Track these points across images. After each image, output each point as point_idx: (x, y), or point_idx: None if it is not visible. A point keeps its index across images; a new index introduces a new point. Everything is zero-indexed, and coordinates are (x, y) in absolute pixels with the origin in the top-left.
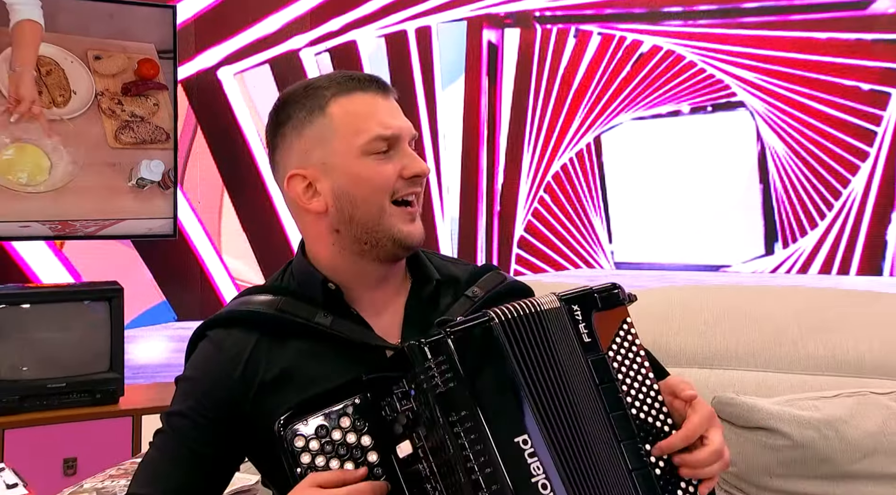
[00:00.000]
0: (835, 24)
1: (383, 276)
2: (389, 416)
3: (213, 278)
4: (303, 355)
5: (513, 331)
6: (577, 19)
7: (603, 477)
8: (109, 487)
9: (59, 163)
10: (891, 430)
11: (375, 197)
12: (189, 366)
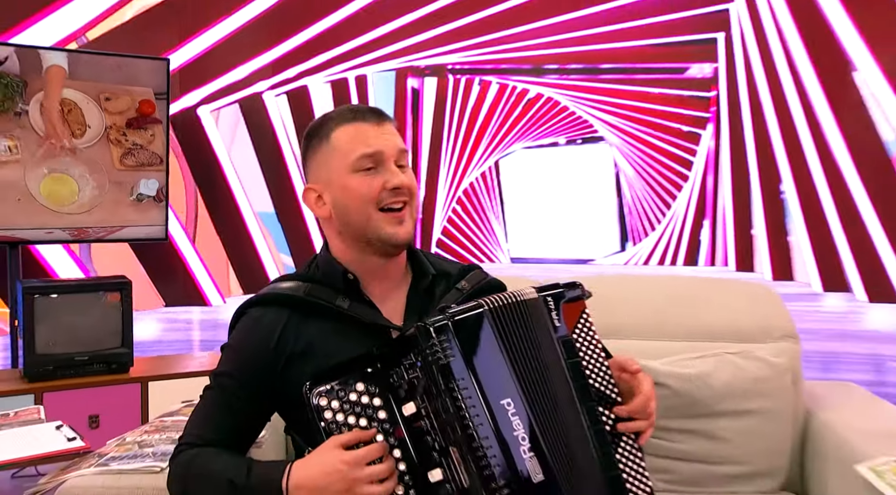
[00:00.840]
0: (664, 83)
1: (386, 269)
2: (397, 383)
3: (193, 272)
4: (325, 331)
5: (499, 316)
6: (480, 72)
7: (568, 431)
8: (147, 440)
9: (85, 188)
10: (739, 379)
11: (363, 205)
12: (233, 336)
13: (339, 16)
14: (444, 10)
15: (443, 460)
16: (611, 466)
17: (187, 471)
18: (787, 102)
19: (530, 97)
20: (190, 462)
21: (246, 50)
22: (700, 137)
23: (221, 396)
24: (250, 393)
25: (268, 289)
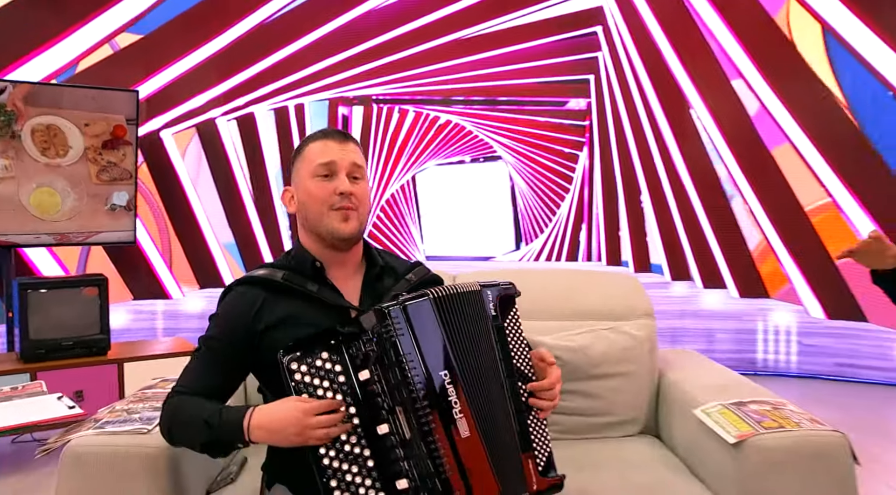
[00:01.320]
0: (548, 113)
1: (344, 259)
2: (354, 354)
3: (156, 270)
4: (296, 309)
5: (441, 304)
6: (399, 102)
7: (491, 399)
8: (133, 408)
9: (66, 200)
10: (610, 349)
11: (318, 204)
12: (221, 307)
13: (282, 54)
14: (370, 51)
15: (389, 417)
16: (522, 427)
17: (174, 412)
18: (643, 130)
19: (441, 123)
20: (177, 405)
21: (203, 82)
22: (578, 157)
23: (208, 355)
24: (232, 353)
25: (252, 272)
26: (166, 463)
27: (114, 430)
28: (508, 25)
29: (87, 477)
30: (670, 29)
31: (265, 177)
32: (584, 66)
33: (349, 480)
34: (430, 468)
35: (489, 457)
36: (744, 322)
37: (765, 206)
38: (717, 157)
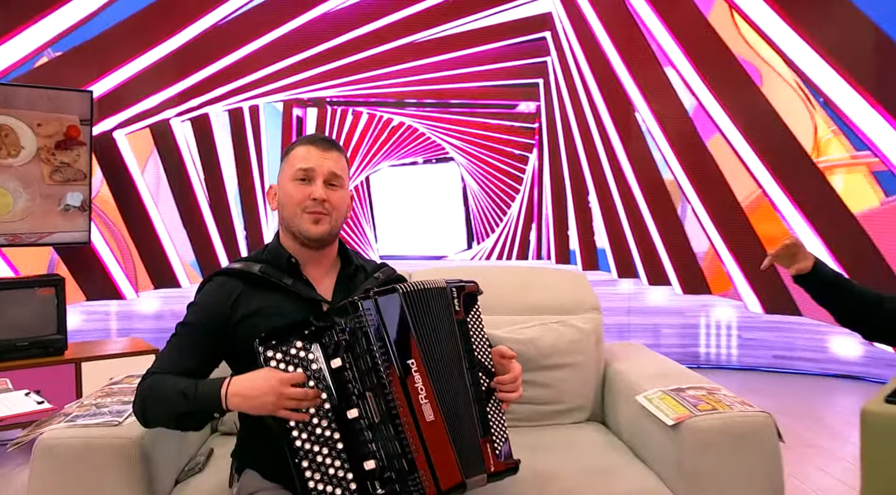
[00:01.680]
0: (499, 116)
1: (319, 258)
2: (327, 343)
3: (110, 271)
4: (272, 301)
5: (409, 298)
6: (353, 104)
7: (454, 387)
8: (102, 402)
9: (18, 200)
10: (559, 341)
11: (293, 206)
12: (200, 296)
13: (237, 56)
14: (324, 54)
15: (359, 402)
16: (482, 414)
17: (150, 387)
18: (591, 132)
19: (394, 125)
20: (152, 384)
21: (156, 82)
22: (528, 159)
23: (184, 340)
24: (207, 339)
25: (231, 265)
26: (137, 453)
27: (85, 423)
28: (460, 30)
29: (60, 469)
30: (616, 35)
31: (220, 176)
32: (533, 71)
33: (320, 461)
34: (397, 449)
35: (451, 440)
36: (687, 317)
37: (705, 205)
38: (661, 158)
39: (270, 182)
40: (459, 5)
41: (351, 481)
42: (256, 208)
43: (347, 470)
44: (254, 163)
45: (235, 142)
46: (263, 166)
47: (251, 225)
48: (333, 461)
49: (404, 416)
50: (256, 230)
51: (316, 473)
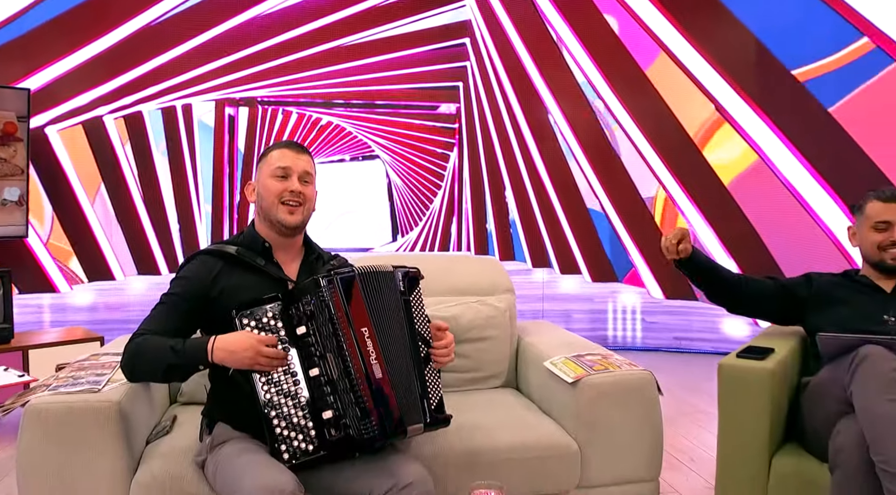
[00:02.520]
0: (422, 116)
1: (288, 244)
2: (294, 314)
3: (43, 265)
4: (247, 279)
5: (363, 278)
6: (283, 103)
7: (398, 351)
8: (77, 375)
9: None
10: (477, 318)
11: (271, 197)
12: (184, 270)
13: (169, 55)
14: (254, 55)
15: (321, 362)
16: (420, 374)
17: (138, 347)
18: (507, 133)
19: (322, 124)
20: (142, 342)
21: (88, 80)
22: (448, 157)
23: (169, 307)
24: (189, 307)
25: (213, 246)
26: (116, 415)
27: (68, 391)
28: (386, 35)
29: (47, 431)
30: (529, 41)
31: (154, 173)
32: (453, 74)
33: (285, 412)
34: (352, 399)
35: (395, 394)
36: (596, 303)
37: (611, 199)
38: (571, 156)
39: (202, 178)
40: (385, 11)
41: (311, 428)
42: (190, 203)
43: (308, 418)
44: (187, 160)
45: (168, 140)
46: (196, 163)
47: (184, 219)
48: (297, 411)
49: (358, 373)
50: (190, 224)
51: (282, 421)
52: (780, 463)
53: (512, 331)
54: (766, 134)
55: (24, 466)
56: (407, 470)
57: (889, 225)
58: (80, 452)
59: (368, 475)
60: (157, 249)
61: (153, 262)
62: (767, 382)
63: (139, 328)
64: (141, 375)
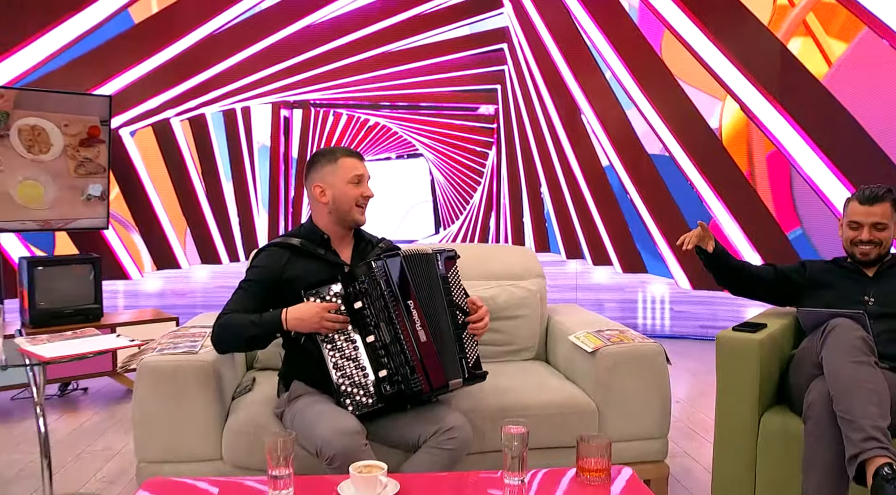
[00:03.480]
0: (463, 117)
1: (343, 235)
2: (351, 292)
3: (116, 254)
4: (310, 265)
5: (407, 259)
6: (334, 106)
7: (440, 320)
8: (175, 341)
9: (48, 191)
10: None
11: (349, 201)
12: (258, 259)
13: (230, 62)
14: (308, 61)
15: (375, 330)
16: (458, 339)
17: (225, 323)
18: (542, 132)
19: (370, 124)
20: (228, 319)
21: (158, 85)
22: (487, 155)
23: (248, 292)
24: (263, 292)
25: (278, 239)
26: (211, 373)
27: (172, 352)
28: (429, 41)
29: (157, 383)
30: (564, 46)
31: (216, 170)
32: (492, 78)
33: (348, 372)
34: (403, 360)
35: (438, 354)
36: (626, 293)
37: (641, 195)
38: (602, 153)
39: (259, 174)
40: (428, 19)
41: (370, 385)
42: (248, 197)
43: (367, 377)
44: (245, 158)
45: (229, 139)
46: (254, 160)
47: (243, 212)
48: (358, 371)
49: (406, 339)
50: (248, 216)
51: (346, 380)
52: (768, 420)
53: (542, 310)
54: (788, 131)
55: (139, 413)
56: (449, 418)
57: (860, 226)
58: (183, 402)
59: (418, 423)
60: (219, 240)
61: (215, 253)
62: (756, 351)
63: (223, 309)
64: (227, 347)
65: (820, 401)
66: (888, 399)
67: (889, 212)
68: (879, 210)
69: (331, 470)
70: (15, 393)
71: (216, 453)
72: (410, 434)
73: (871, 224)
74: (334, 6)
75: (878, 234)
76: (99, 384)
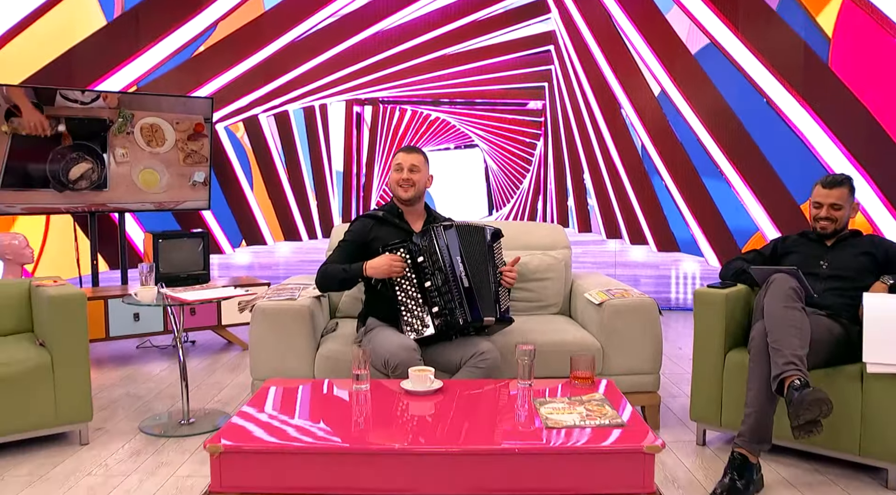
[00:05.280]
0: (514, 112)
1: (413, 210)
2: (415, 250)
3: (212, 231)
4: (388, 230)
5: (459, 229)
6: (400, 103)
7: (481, 273)
8: (278, 292)
9: (163, 178)
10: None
11: (393, 182)
12: (352, 226)
13: (309, 65)
14: (377, 63)
15: (431, 278)
16: (496, 290)
17: (325, 269)
18: (585, 125)
19: (431, 119)
20: (328, 267)
21: (248, 86)
22: (536, 145)
23: (344, 249)
24: (354, 249)
25: (368, 212)
26: (307, 314)
27: (277, 299)
28: (484, 44)
29: (267, 323)
30: (605, 48)
31: (297, 159)
32: (540, 76)
33: (411, 307)
34: (450, 299)
35: (477, 297)
36: (661, 270)
37: (675, 181)
38: (640, 144)
39: (335, 163)
40: (483, 24)
41: (426, 318)
42: (325, 183)
43: (425, 312)
44: (323, 149)
45: (308, 133)
46: (330, 151)
47: (321, 196)
48: (417, 308)
49: (454, 284)
50: (325, 200)
51: (408, 314)
52: (732, 357)
53: (567, 275)
54: (813, 127)
55: (254, 343)
56: (483, 345)
57: (821, 205)
58: (286, 335)
59: (460, 348)
60: (300, 220)
61: (296, 231)
62: (722, 304)
63: (326, 260)
64: (327, 287)
65: (759, 336)
66: (808, 335)
67: (846, 195)
68: (837, 193)
69: (394, 376)
70: (139, 342)
71: (310, 373)
72: (453, 356)
73: (829, 204)
74: (401, 14)
75: (835, 213)
76: (204, 337)
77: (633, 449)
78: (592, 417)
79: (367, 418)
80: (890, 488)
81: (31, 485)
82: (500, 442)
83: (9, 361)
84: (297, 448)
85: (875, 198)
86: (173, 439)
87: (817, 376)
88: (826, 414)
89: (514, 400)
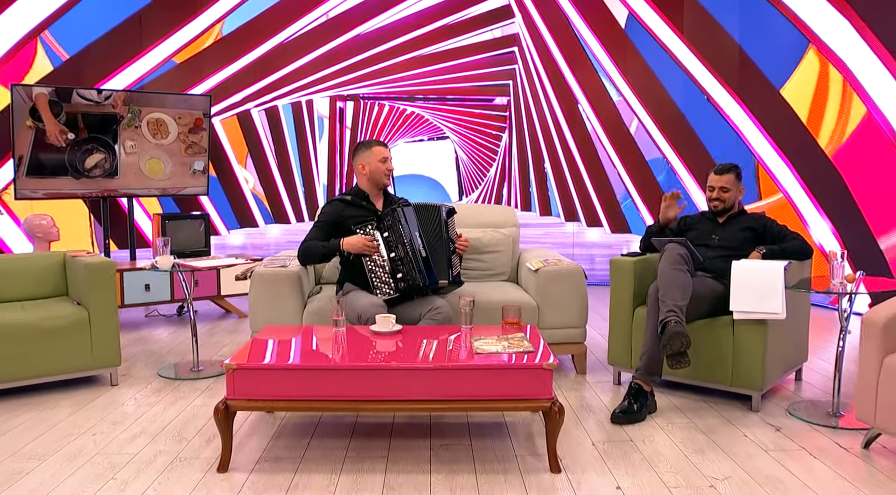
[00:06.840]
0: (482, 107)
1: (378, 193)
2: (381, 227)
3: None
4: (357, 211)
5: (417, 208)
6: (378, 98)
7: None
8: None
9: (167, 167)
10: (493, 240)
11: (381, 173)
12: (326, 208)
13: (298, 64)
14: (358, 62)
15: (395, 249)
16: (448, 258)
17: (306, 246)
18: (546, 119)
19: (407, 113)
20: (308, 244)
21: (242, 83)
22: (501, 137)
23: (319, 228)
24: (329, 227)
25: (337, 197)
26: (297, 278)
27: (272, 267)
28: (454, 46)
29: (264, 286)
30: (564, 49)
31: (286, 150)
32: (505, 75)
33: (378, 274)
34: (411, 267)
35: (433, 265)
36: (614, 249)
37: (625, 167)
38: (595, 137)
39: (320, 154)
40: (453, 28)
41: (391, 282)
42: (311, 171)
43: (390, 277)
44: (309, 140)
45: (296, 126)
46: (316, 142)
47: (307, 183)
48: (384, 274)
49: (413, 254)
50: (311, 186)
51: (376, 280)
52: (639, 312)
53: (514, 248)
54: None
55: (253, 302)
56: (438, 302)
57: (713, 188)
58: (279, 296)
59: (420, 305)
60: (288, 205)
61: (285, 214)
62: (630, 269)
63: (305, 238)
64: (307, 261)
65: (653, 292)
66: (689, 291)
67: (733, 180)
68: (725, 178)
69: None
70: (147, 310)
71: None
72: (414, 312)
73: (719, 187)
74: (378, 19)
75: (724, 195)
76: (204, 307)
77: (535, 367)
78: (511, 348)
79: (345, 348)
80: (754, 411)
81: (79, 411)
82: (442, 361)
83: (54, 316)
84: (291, 365)
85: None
86: (187, 381)
87: (700, 325)
88: (685, 346)
89: (457, 339)
